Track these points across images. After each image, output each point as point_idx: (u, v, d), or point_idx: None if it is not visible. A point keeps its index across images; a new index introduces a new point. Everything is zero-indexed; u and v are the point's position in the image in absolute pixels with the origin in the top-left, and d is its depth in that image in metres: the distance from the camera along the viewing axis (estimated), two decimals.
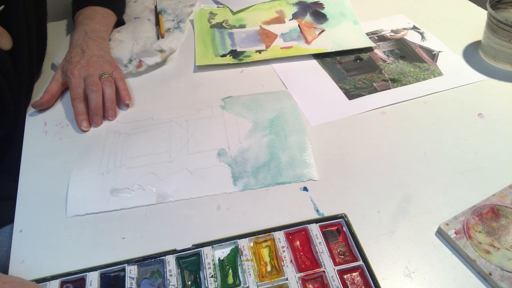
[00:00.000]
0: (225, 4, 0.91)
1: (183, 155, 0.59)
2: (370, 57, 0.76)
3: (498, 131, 0.61)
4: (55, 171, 0.58)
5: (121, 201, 0.54)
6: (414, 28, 0.83)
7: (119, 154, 0.59)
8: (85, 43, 0.71)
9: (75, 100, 0.65)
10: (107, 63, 0.69)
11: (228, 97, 0.68)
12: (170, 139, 0.61)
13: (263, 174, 0.56)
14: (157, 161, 0.58)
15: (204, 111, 0.65)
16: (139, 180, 0.56)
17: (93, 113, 0.64)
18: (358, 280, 0.45)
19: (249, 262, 0.46)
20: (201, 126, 0.63)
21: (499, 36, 0.69)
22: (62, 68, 0.69)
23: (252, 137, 0.61)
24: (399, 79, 0.70)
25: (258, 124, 0.63)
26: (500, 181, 0.53)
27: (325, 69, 0.74)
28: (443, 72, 0.72)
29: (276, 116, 0.64)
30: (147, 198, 0.54)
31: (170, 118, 0.64)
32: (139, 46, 0.76)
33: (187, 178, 0.56)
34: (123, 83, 0.69)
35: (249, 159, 0.58)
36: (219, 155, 0.58)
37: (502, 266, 0.44)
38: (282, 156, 0.58)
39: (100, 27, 0.75)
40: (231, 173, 0.56)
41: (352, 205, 0.52)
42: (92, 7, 0.77)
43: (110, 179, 0.56)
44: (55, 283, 0.45)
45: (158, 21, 0.84)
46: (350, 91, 0.69)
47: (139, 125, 0.64)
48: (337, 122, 0.64)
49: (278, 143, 0.60)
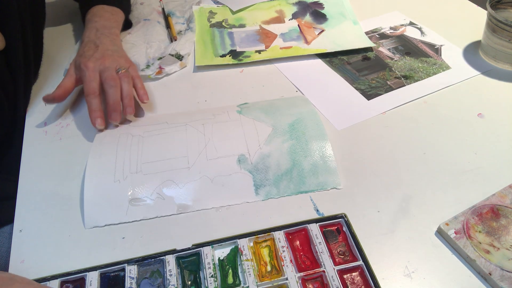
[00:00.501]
0: (224, 3, 0.91)
1: (201, 161, 0.56)
2: (376, 56, 0.76)
3: (498, 131, 0.61)
4: (55, 171, 0.58)
5: (141, 211, 0.52)
6: (411, 24, 0.83)
7: (134, 159, 0.56)
8: (98, 38, 0.69)
9: (90, 95, 0.62)
10: (122, 57, 0.68)
11: (244, 103, 0.66)
12: (186, 143, 0.58)
13: (286, 183, 0.54)
14: (175, 167, 0.55)
15: (220, 116, 0.63)
16: (157, 188, 0.53)
17: (111, 108, 0.62)
18: (358, 280, 0.45)
19: (249, 262, 0.46)
20: (218, 129, 0.60)
21: (499, 36, 0.69)
22: (75, 63, 0.67)
23: (273, 142, 0.58)
24: (410, 75, 0.71)
25: (278, 128, 0.60)
26: (500, 181, 0.53)
27: (336, 70, 0.73)
28: (450, 65, 0.73)
29: (296, 120, 0.61)
30: (167, 208, 0.52)
31: (185, 122, 0.62)
32: (153, 49, 0.76)
33: (208, 186, 0.54)
34: (140, 81, 0.66)
35: (271, 166, 0.55)
36: (239, 162, 0.56)
37: (502, 266, 0.44)
38: (304, 163, 0.56)
39: (110, 24, 0.73)
40: (253, 181, 0.54)
41: (352, 205, 0.52)
42: (100, 6, 0.76)
43: (127, 187, 0.53)
44: (55, 283, 0.45)
45: (168, 23, 0.84)
46: (366, 91, 0.68)
47: (153, 128, 0.61)
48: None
49: (299, 149, 0.57)
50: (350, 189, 0.54)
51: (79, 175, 0.57)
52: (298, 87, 0.70)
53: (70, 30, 0.87)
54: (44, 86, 0.73)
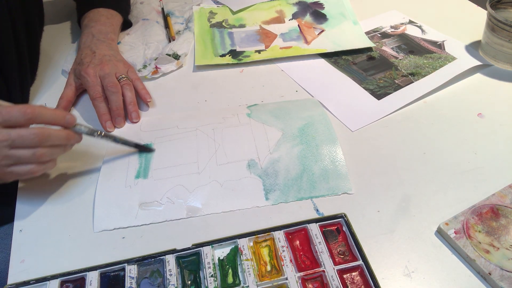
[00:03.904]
0: (225, 3, 0.91)
1: (211, 166, 0.57)
2: (381, 55, 0.76)
3: (498, 131, 0.61)
4: (55, 171, 0.58)
5: (150, 215, 0.52)
6: (411, 22, 0.83)
7: (145, 165, 0.57)
8: (94, 44, 0.70)
9: (96, 99, 0.63)
10: (120, 62, 0.68)
11: (254, 105, 0.66)
12: (197, 149, 0.59)
13: (296, 187, 0.54)
14: (185, 173, 0.56)
15: (230, 119, 0.63)
16: (167, 193, 0.54)
17: (115, 114, 0.63)
18: (357, 279, 0.45)
19: (248, 262, 0.46)
20: (229, 135, 0.61)
21: (499, 36, 0.69)
22: (74, 72, 0.68)
23: (282, 147, 0.58)
24: (417, 72, 0.71)
25: (287, 133, 0.60)
26: (499, 181, 0.53)
27: (342, 71, 0.73)
28: (456, 56, 0.73)
29: (306, 124, 0.61)
30: (177, 212, 0.52)
31: (195, 127, 0.62)
32: (151, 50, 0.76)
33: (217, 190, 0.54)
34: (140, 83, 0.68)
35: (280, 170, 0.56)
36: (249, 166, 0.56)
37: (501, 266, 0.44)
38: (314, 168, 0.56)
39: (106, 28, 0.74)
40: (263, 186, 0.54)
41: (352, 204, 0.52)
42: (96, 10, 0.76)
43: (137, 192, 0.54)
44: (55, 283, 0.45)
45: (167, 23, 0.84)
46: (375, 91, 0.68)
47: (164, 133, 0.62)
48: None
49: (309, 153, 0.57)
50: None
51: (79, 175, 0.57)
52: (307, 90, 0.69)
53: (68, 29, 0.87)
54: (43, 87, 0.73)
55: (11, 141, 0.46)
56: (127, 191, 0.54)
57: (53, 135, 0.49)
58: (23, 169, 0.49)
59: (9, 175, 0.49)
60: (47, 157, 0.49)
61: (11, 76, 0.64)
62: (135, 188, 0.55)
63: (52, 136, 0.49)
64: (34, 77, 0.74)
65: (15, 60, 0.65)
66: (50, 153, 0.50)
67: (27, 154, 0.48)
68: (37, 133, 0.47)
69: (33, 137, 0.47)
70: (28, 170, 0.49)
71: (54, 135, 0.49)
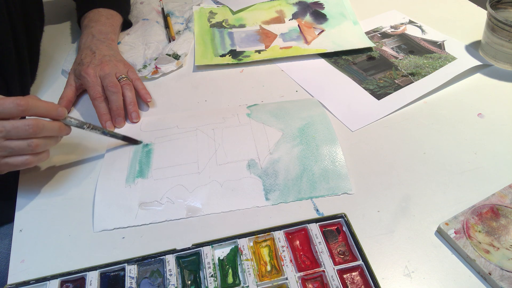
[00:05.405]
0: (225, 3, 0.91)
1: (211, 166, 0.57)
2: (381, 55, 0.76)
3: (498, 131, 0.61)
4: (55, 171, 0.58)
5: (150, 215, 0.52)
6: (411, 22, 0.83)
7: (145, 165, 0.58)
8: (94, 45, 0.70)
9: (96, 99, 0.63)
10: (120, 62, 0.69)
11: (254, 105, 0.66)
12: (197, 149, 0.59)
13: (296, 187, 0.54)
14: (185, 173, 0.56)
15: (230, 120, 0.63)
16: (167, 193, 0.54)
17: (115, 114, 0.63)
18: (357, 279, 0.45)
19: (248, 262, 0.46)
20: (229, 135, 0.61)
21: (499, 36, 0.69)
22: (74, 72, 0.68)
23: (282, 147, 0.58)
24: (417, 72, 0.71)
25: (287, 133, 0.60)
26: (500, 181, 0.53)
27: (342, 71, 0.73)
28: (456, 56, 0.73)
29: (306, 124, 0.61)
30: (177, 212, 0.52)
31: (195, 127, 0.62)
32: (151, 50, 0.76)
33: (217, 190, 0.54)
34: (140, 83, 0.68)
35: (280, 170, 0.56)
36: (249, 167, 0.56)
37: (501, 266, 0.44)
38: (314, 168, 0.56)
39: (106, 29, 0.74)
40: (263, 186, 0.54)
41: (352, 204, 0.52)
42: (96, 10, 0.76)
43: (137, 192, 0.54)
44: (55, 283, 0.45)
45: (167, 23, 0.84)
46: (375, 91, 0.68)
47: (164, 133, 0.62)
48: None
49: (309, 153, 0.57)
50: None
51: (79, 175, 0.57)
52: (307, 90, 0.69)
53: (68, 29, 0.87)
54: (43, 87, 0.73)
55: (5, 132, 0.46)
56: (127, 191, 0.54)
57: (47, 126, 0.49)
58: (18, 160, 0.49)
59: (4, 166, 0.49)
60: (41, 148, 0.50)
61: (11, 76, 0.65)
62: (135, 188, 0.55)
63: (46, 127, 0.49)
64: (34, 77, 0.74)
65: (15, 60, 0.65)
66: (44, 144, 0.50)
67: (22, 145, 0.48)
68: (31, 124, 0.47)
69: (28, 128, 0.47)
70: (23, 161, 0.49)
71: (48, 126, 0.50)
